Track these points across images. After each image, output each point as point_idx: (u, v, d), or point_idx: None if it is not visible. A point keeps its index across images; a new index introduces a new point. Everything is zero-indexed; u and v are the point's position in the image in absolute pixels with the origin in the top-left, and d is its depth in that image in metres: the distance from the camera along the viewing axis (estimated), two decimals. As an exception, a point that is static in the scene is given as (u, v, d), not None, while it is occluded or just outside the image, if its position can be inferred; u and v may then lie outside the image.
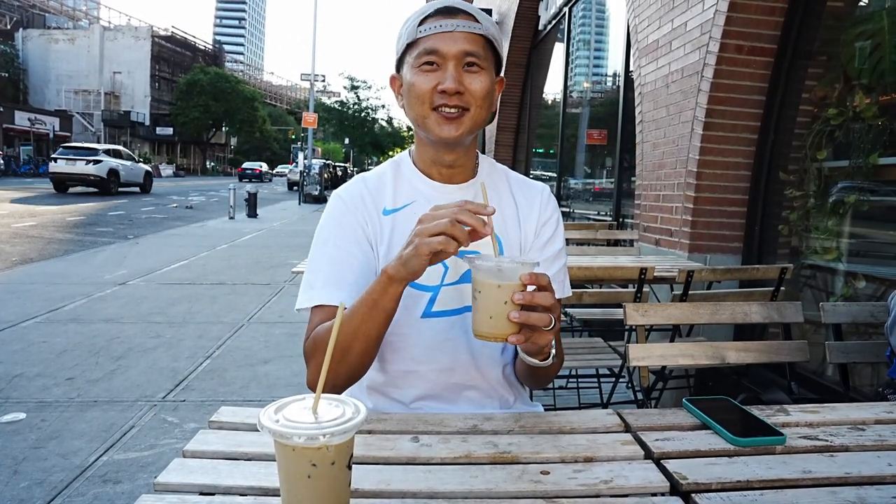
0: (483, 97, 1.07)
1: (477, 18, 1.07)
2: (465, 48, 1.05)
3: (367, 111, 39.71)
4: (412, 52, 1.07)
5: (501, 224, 1.15)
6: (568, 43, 7.26)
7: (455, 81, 1.04)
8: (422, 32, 1.06)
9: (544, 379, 1.18)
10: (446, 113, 1.06)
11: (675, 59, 3.57)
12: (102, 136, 46.67)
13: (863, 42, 2.69)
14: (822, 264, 2.94)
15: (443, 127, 1.07)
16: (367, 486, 0.78)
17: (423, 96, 1.06)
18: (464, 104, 1.06)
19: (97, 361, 3.70)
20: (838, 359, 1.80)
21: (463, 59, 1.05)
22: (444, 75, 1.05)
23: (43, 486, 2.27)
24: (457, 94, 1.05)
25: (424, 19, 1.06)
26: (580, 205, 7.12)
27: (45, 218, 11.71)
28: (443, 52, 1.05)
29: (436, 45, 1.05)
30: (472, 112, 1.07)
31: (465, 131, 1.07)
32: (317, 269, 1.11)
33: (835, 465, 0.85)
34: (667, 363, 1.75)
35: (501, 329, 0.88)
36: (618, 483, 0.80)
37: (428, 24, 1.06)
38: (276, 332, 4.52)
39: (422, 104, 1.07)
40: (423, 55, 1.06)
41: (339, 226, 1.12)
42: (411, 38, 1.07)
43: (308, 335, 1.11)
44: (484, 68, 1.07)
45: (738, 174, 3.29)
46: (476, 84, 1.06)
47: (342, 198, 1.15)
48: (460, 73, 1.05)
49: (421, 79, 1.06)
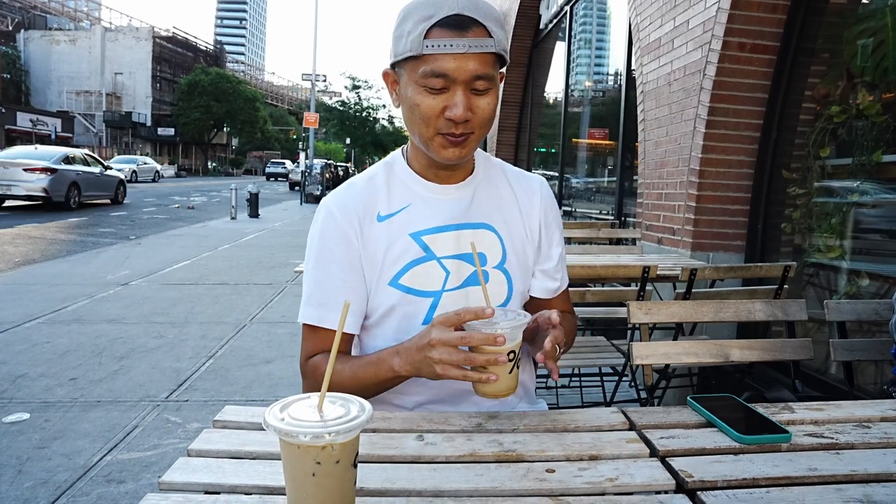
0: (490, 117, 1.03)
1: (489, 31, 0.97)
2: (476, 72, 0.97)
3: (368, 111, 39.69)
4: (416, 65, 0.98)
5: (502, 220, 1.15)
6: (569, 41, 7.24)
7: (464, 109, 0.98)
8: (428, 48, 0.95)
9: None
10: (452, 139, 1.01)
11: (677, 58, 3.57)
12: (104, 137, 46.76)
13: (865, 39, 2.68)
14: (825, 262, 2.93)
15: (448, 150, 1.03)
16: (372, 484, 0.78)
17: (428, 120, 1.00)
18: (470, 130, 1.02)
19: (100, 362, 3.71)
20: (843, 356, 1.79)
21: (472, 83, 0.98)
22: (451, 99, 0.98)
23: (47, 486, 2.27)
24: (464, 122, 1.00)
25: (430, 30, 0.96)
26: (582, 203, 7.11)
27: (47, 219, 11.73)
28: (452, 76, 0.97)
29: (444, 68, 0.96)
30: (476, 134, 1.03)
31: (468, 152, 1.05)
32: (311, 287, 1.11)
33: (841, 462, 0.85)
34: (670, 361, 1.75)
35: (506, 386, 0.94)
36: (623, 481, 0.80)
37: (436, 41, 0.95)
38: (279, 331, 4.52)
39: (426, 126, 1.01)
40: (429, 76, 0.97)
41: (330, 247, 1.09)
42: (416, 51, 0.96)
43: (303, 352, 1.12)
44: (492, 87, 1.01)
45: (740, 172, 3.28)
46: (484, 106, 1.01)
47: (332, 211, 1.11)
48: (469, 99, 0.99)
49: (427, 101, 0.99)
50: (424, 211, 1.11)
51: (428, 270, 1.09)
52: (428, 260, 1.09)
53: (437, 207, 1.11)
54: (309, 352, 1.11)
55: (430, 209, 1.11)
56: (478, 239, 1.11)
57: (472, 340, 0.88)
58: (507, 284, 1.13)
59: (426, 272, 1.08)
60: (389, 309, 1.09)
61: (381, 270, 1.09)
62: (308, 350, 1.11)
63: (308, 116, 22.32)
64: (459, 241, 1.10)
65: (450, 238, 1.10)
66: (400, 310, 1.08)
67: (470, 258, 1.10)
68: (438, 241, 1.09)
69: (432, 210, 1.11)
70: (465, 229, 1.11)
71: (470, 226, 1.11)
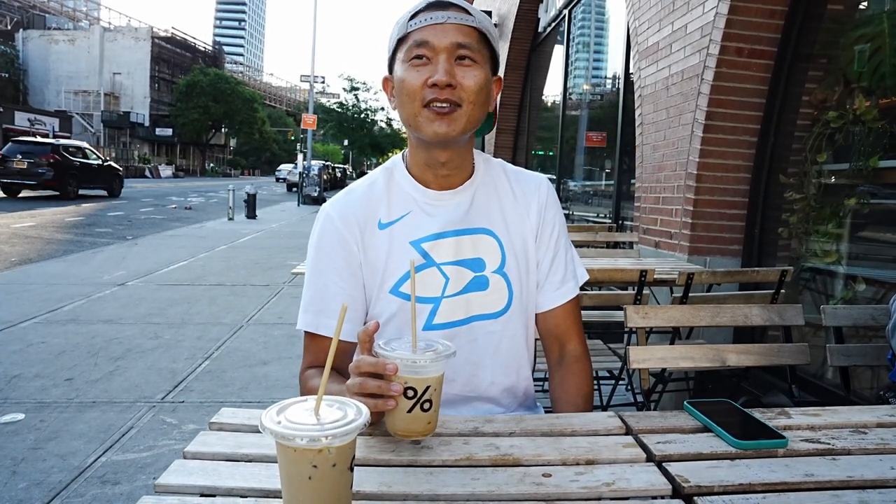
0: (477, 92, 1.02)
1: (469, 12, 1.04)
2: (457, 40, 1.01)
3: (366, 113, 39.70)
4: (402, 47, 1.04)
5: (502, 222, 1.14)
6: (568, 45, 7.26)
7: (446, 73, 0.99)
8: (412, 26, 1.03)
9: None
10: (437, 108, 1.01)
11: (675, 62, 3.58)
12: (102, 136, 46.67)
13: (863, 45, 2.69)
14: (821, 267, 2.94)
15: (434, 123, 1.01)
16: (369, 488, 0.77)
17: (413, 93, 1.01)
18: (456, 99, 1.01)
19: (96, 362, 3.70)
20: (839, 362, 1.79)
21: (455, 52, 1.01)
22: (435, 69, 1.00)
23: (41, 487, 2.26)
24: (448, 88, 1.00)
25: (415, 14, 1.04)
26: (580, 207, 7.12)
27: (44, 218, 11.69)
28: (433, 44, 1.01)
29: (426, 37, 1.01)
30: (465, 108, 1.02)
31: (458, 129, 1.02)
32: (310, 293, 1.10)
33: (837, 468, 0.85)
34: (667, 365, 1.75)
35: (402, 427, 0.85)
36: (619, 486, 0.79)
37: (418, 18, 1.03)
38: (276, 333, 4.51)
39: (412, 101, 1.02)
40: (413, 48, 1.02)
41: (329, 254, 1.09)
42: (402, 32, 1.04)
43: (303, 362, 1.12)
44: (477, 62, 1.03)
45: (738, 177, 3.29)
46: (469, 78, 1.01)
47: (332, 218, 1.11)
48: (452, 66, 1.01)
49: (411, 74, 1.02)
50: (424, 218, 1.10)
51: (428, 277, 1.08)
52: (428, 267, 1.09)
53: (436, 214, 1.11)
54: (308, 363, 1.10)
55: (429, 216, 1.11)
56: (477, 244, 1.11)
57: (361, 366, 0.82)
58: (507, 289, 1.12)
59: (426, 279, 1.08)
60: (390, 317, 1.08)
61: (383, 279, 1.09)
62: (307, 361, 1.10)
63: (306, 118, 22.30)
64: (459, 246, 1.10)
65: (449, 244, 1.10)
66: (401, 317, 1.08)
67: (469, 263, 1.10)
68: (438, 248, 1.09)
69: (431, 217, 1.11)
70: (464, 235, 1.11)
71: (469, 231, 1.11)
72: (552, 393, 1.19)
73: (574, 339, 1.19)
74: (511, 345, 1.13)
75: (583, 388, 1.16)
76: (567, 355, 1.18)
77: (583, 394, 1.15)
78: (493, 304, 1.11)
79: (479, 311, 1.10)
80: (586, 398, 1.16)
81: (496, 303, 1.11)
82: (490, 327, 1.11)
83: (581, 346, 1.20)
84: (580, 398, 1.15)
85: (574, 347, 1.19)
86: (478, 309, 1.10)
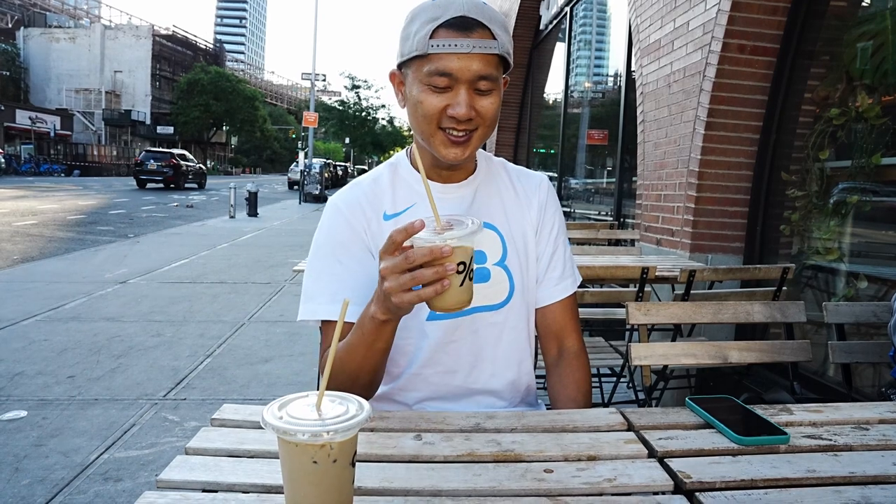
0: (493, 116, 1.03)
1: (493, 33, 0.99)
2: (480, 72, 0.99)
3: (367, 110, 39.70)
4: (421, 65, 1.00)
5: (504, 217, 1.16)
6: (569, 42, 7.25)
7: (467, 107, 0.99)
8: (434, 48, 0.97)
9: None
10: (454, 137, 1.02)
11: (677, 59, 3.57)
12: (103, 135, 46.69)
13: (865, 43, 2.68)
14: (823, 264, 2.94)
15: (449, 149, 1.03)
16: (370, 483, 0.77)
17: (430, 117, 1.01)
18: (473, 127, 1.02)
19: (98, 360, 3.70)
20: (841, 359, 1.79)
21: (476, 84, 1.00)
22: (454, 98, 0.99)
23: (44, 484, 2.27)
24: (467, 121, 1.01)
25: (436, 30, 0.97)
26: (581, 204, 7.11)
27: (46, 216, 11.72)
28: (455, 75, 0.98)
29: (448, 66, 0.98)
30: (479, 131, 1.04)
31: (471, 151, 1.05)
32: (318, 282, 1.10)
33: (839, 464, 0.85)
34: (669, 362, 1.75)
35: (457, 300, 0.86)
36: (621, 482, 0.79)
37: (441, 41, 0.97)
38: (277, 330, 4.52)
39: (429, 123, 1.02)
40: (433, 75, 0.98)
41: (339, 239, 1.10)
42: (421, 50, 0.98)
43: (322, 352, 1.12)
44: (495, 88, 1.02)
45: (739, 174, 3.28)
46: (487, 106, 1.02)
47: (340, 208, 1.12)
48: (472, 98, 1.00)
49: (429, 98, 1.00)
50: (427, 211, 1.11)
51: None
52: None
53: (440, 206, 1.11)
54: (324, 348, 1.11)
55: None
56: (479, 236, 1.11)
57: (415, 259, 0.81)
58: (508, 281, 1.14)
59: None
60: None
61: None
62: (326, 343, 1.11)
63: (307, 116, 22.29)
64: None
65: None
66: None
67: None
68: None
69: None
70: None
71: None
72: (551, 391, 1.19)
73: (572, 336, 1.21)
74: (512, 337, 1.15)
75: (582, 384, 1.17)
76: (566, 352, 1.20)
77: (582, 390, 1.16)
78: (495, 296, 1.12)
79: (481, 303, 1.11)
80: (586, 395, 1.16)
81: (497, 294, 1.13)
82: (491, 319, 1.12)
83: (579, 342, 1.21)
84: (580, 394, 1.15)
85: (572, 344, 1.20)
86: (479, 300, 1.10)
